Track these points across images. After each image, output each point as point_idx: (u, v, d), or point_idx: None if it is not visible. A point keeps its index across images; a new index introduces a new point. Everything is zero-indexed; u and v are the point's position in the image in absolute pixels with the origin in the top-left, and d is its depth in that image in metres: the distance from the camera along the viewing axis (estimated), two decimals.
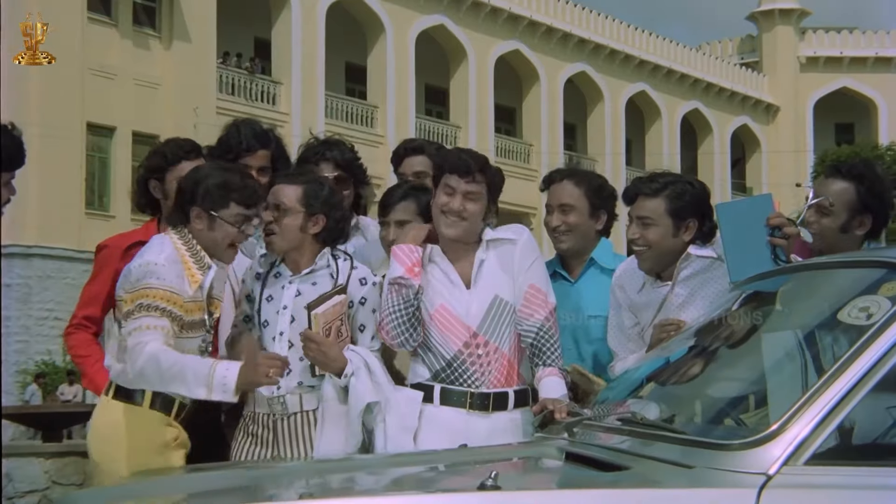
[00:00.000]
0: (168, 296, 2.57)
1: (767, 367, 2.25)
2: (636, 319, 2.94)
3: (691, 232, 2.84)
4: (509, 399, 2.82)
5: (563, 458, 2.23)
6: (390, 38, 24.32)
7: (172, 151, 3.10)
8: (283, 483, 2.28)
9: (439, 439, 2.72)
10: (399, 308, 2.80)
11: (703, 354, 2.45)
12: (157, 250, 2.64)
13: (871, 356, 1.85)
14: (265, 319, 2.82)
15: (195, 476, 2.42)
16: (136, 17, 19.72)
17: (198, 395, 2.53)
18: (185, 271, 2.63)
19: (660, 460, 1.94)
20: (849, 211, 2.84)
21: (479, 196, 2.80)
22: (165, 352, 2.52)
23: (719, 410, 2.20)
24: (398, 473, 2.32)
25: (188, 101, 19.45)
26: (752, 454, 1.81)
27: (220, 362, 2.58)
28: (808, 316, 2.29)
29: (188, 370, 2.52)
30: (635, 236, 2.85)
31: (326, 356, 2.75)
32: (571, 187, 3.17)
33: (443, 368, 2.81)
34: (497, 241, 2.85)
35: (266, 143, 3.22)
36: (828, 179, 2.91)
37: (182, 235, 2.69)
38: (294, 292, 2.83)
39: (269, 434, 2.81)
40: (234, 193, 2.68)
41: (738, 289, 2.57)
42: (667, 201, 2.83)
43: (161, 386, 2.56)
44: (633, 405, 2.39)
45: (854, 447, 1.93)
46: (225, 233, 2.68)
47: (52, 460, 5.10)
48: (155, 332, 2.53)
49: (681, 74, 31.23)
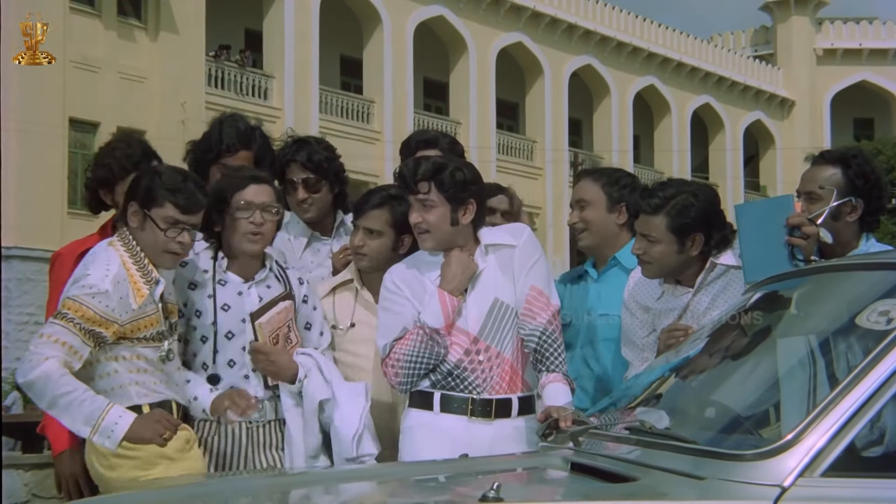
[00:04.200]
0: (97, 319, 2.55)
1: (782, 373, 2.22)
2: (653, 328, 2.93)
3: (698, 245, 2.84)
4: (513, 406, 2.78)
5: (569, 468, 2.22)
6: (387, 29, 24.10)
7: (120, 165, 3.04)
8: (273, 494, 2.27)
9: (440, 448, 2.66)
10: (423, 360, 2.75)
11: (714, 360, 2.43)
12: (102, 269, 2.60)
13: (891, 363, 1.82)
14: (228, 330, 2.79)
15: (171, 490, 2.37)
16: (120, 7, 19.40)
17: (78, 431, 2.53)
18: (131, 285, 2.61)
19: (669, 471, 1.93)
20: (837, 195, 2.81)
21: (434, 202, 2.76)
22: (63, 376, 2.50)
23: (731, 419, 2.16)
24: (397, 485, 2.32)
25: (175, 96, 19.24)
26: (767, 465, 1.80)
27: (114, 408, 2.54)
28: (825, 320, 2.26)
29: (77, 404, 2.51)
30: (640, 251, 2.87)
31: (276, 365, 2.77)
32: (588, 183, 3.21)
33: (443, 376, 2.77)
34: (496, 246, 2.82)
35: (248, 144, 3.19)
36: (813, 167, 2.90)
37: (126, 243, 2.67)
38: (255, 299, 2.81)
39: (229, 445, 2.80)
40: (171, 194, 2.63)
41: (753, 290, 2.53)
42: (668, 219, 2.82)
43: (45, 406, 2.54)
44: (640, 413, 2.37)
45: (873, 458, 1.90)
46: (155, 235, 2.64)
47: (33, 472, 4.84)
48: (59, 349, 2.51)
49: (691, 67, 31.08)
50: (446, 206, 2.75)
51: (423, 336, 2.74)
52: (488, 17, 26.04)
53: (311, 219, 3.29)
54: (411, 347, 2.74)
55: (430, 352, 2.74)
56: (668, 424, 2.25)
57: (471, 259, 2.79)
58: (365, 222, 2.96)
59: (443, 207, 2.75)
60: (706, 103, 31.78)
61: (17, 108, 16.38)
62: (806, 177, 2.90)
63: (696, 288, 2.86)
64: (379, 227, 2.94)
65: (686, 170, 28.92)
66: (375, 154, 22.47)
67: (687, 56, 30.85)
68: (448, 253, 2.80)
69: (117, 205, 3.00)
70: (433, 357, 2.75)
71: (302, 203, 3.24)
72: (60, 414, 2.51)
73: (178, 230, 2.64)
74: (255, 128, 3.25)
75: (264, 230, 2.81)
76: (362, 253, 2.98)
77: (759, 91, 33.10)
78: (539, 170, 25.91)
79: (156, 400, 2.64)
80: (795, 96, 33.84)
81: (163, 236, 2.63)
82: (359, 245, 2.96)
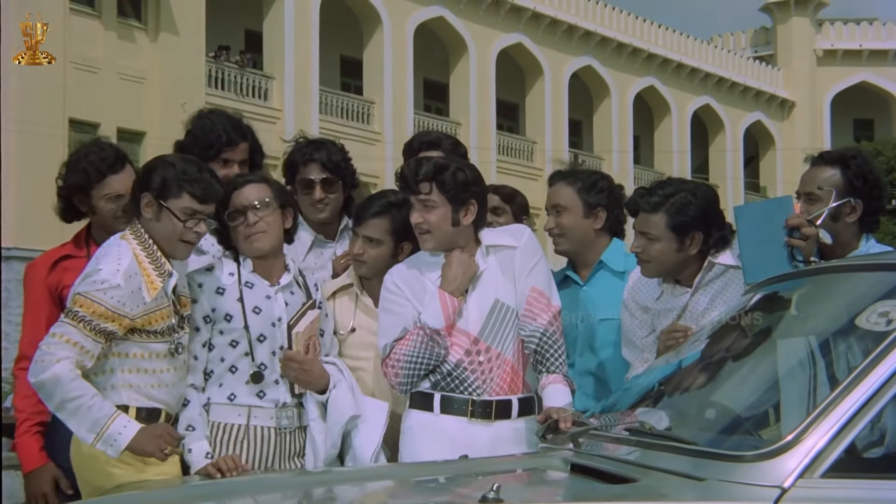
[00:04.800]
0: (108, 314, 2.54)
1: (782, 374, 2.21)
2: (651, 328, 2.92)
3: (697, 244, 2.83)
4: (513, 407, 2.77)
5: (569, 469, 2.21)
6: (387, 30, 24.05)
7: (95, 169, 2.96)
8: (277, 495, 2.27)
9: (439, 449, 2.66)
10: (423, 360, 2.75)
11: (714, 361, 2.42)
12: (114, 264, 2.59)
13: (890, 364, 1.81)
14: (261, 333, 2.77)
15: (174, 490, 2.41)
16: (120, 7, 19.32)
17: (83, 437, 2.52)
18: (144, 278, 2.60)
19: (669, 472, 1.92)
20: (836, 196, 2.79)
21: (435, 202, 2.75)
22: (73, 381, 2.50)
23: (731, 420, 2.16)
24: (397, 486, 2.31)
25: (175, 96, 19.07)
26: (767, 466, 1.79)
27: (121, 416, 2.53)
28: (825, 321, 2.26)
29: (84, 410, 2.50)
30: (638, 250, 2.85)
31: (310, 374, 2.73)
32: (563, 187, 3.16)
33: (443, 377, 2.76)
34: (497, 247, 2.82)
35: (245, 135, 3.20)
36: (812, 168, 2.89)
37: (138, 236, 2.65)
38: (282, 303, 2.80)
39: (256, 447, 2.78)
40: (188, 185, 2.63)
41: (753, 291, 2.52)
42: (667, 216, 2.81)
43: (53, 408, 2.55)
44: (640, 414, 2.36)
45: (873, 459, 1.90)
46: (172, 225, 2.63)
47: None
48: (71, 350, 2.51)
49: (691, 68, 31.05)
50: (447, 206, 2.74)
51: (424, 337, 2.74)
52: (488, 17, 25.98)
53: (323, 219, 3.28)
54: (411, 348, 2.73)
55: (430, 352, 2.74)
56: (667, 425, 2.25)
57: (471, 260, 2.78)
58: (365, 231, 2.96)
59: (444, 208, 2.74)
60: (706, 104, 31.74)
61: (17, 108, 16.33)
62: (805, 178, 2.90)
63: (695, 288, 2.84)
64: (378, 235, 2.94)
65: (686, 170, 28.87)
66: (375, 155, 22.43)
67: (687, 57, 30.81)
68: (448, 254, 2.79)
69: (95, 209, 2.97)
70: (433, 358, 2.74)
71: (318, 203, 3.24)
72: (68, 418, 2.52)
73: (196, 220, 2.64)
74: (241, 118, 3.27)
75: (260, 227, 2.77)
76: (362, 260, 2.99)
77: (760, 92, 33.07)
78: (539, 171, 25.83)
79: (144, 405, 2.62)
80: (795, 97, 33.79)
81: (181, 226, 2.62)
82: (358, 253, 2.97)
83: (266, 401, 2.76)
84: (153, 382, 2.64)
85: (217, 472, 2.55)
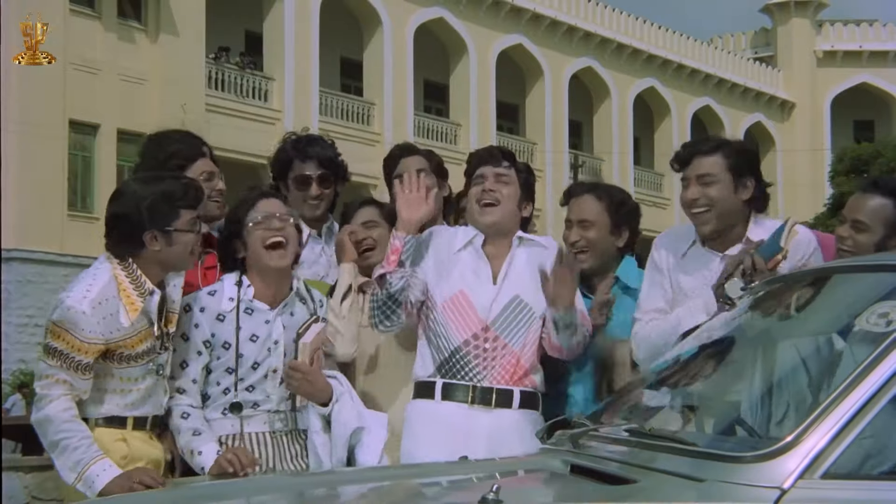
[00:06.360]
0: (79, 345, 2.55)
1: (782, 375, 2.21)
2: (669, 283, 2.89)
3: (749, 191, 2.82)
4: (514, 397, 2.77)
5: (569, 470, 2.21)
6: (387, 31, 24.07)
7: None
8: (277, 496, 2.29)
9: (439, 435, 2.68)
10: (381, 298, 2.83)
11: (714, 361, 2.41)
12: (82, 290, 2.58)
13: (890, 364, 1.81)
14: (255, 361, 2.78)
15: None
16: (120, 8, 19.39)
17: (65, 477, 2.58)
18: (123, 300, 2.60)
19: (669, 473, 1.92)
20: (886, 228, 2.77)
21: (511, 180, 2.88)
22: (65, 422, 2.56)
23: (731, 421, 2.16)
24: (396, 487, 2.31)
25: (175, 98, 19.15)
26: (766, 467, 1.79)
27: (102, 461, 2.56)
28: (825, 322, 2.26)
29: (69, 451, 2.56)
30: (696, 196, 2.81)
31: (314, 386, 2.73)
32: (592, 202, 3.15)
33: (446, 360, 2.80)
34: (530, 241, 2.91)
35: (201, 150, 3.12)
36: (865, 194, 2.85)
37: (125, 266, 2.64)
38: (280, 327, 2.80)
39: None
40: (180, 201, 2.65)
41: (753, 292, 2.52)
42: (725, 157, 2.81)
43: (46, 447, 2.62)
44: (640, 415, 2.36)
45: (873, 460, 1.88)
46: (185, 242, 2.66)
47: (33, 474, 5.05)
48: (61, 387, 2.56)
49: (691, 69, 31.07)
50: (517, 187, 2.92)
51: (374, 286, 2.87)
52: (488, 18, 26.01)
53: (318, 216, 3.28)
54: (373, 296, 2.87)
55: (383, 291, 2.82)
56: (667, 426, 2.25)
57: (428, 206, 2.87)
58: (359, 219, 3.15)
59: (515, 187, 2.92)
60: (706, 105, 31.74)
61: (16, 109, 16.41)
62: (853, 204, 2.85)
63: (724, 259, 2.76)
64: (374, 218, 3.14)
65: None
66: (375, 156, 22.34)
67: (687, 58, 30.84)
68: None
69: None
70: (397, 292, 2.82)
71: (315, 199, 3.24)
72: (56, 457, 2.58)
73: (198, 224, 2.70)
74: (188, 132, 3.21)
75: (286, 235, 2.77)
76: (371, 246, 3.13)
77: (760, 93, 33.07)
78: (539, 171, 25.71)
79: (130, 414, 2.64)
80: (796, 98, 33.78)
81: (193, 237, 2.66)
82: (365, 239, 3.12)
83: (259, 410, 2.78)
84: (135, 399, 2.65)
85: (229, 464, 2.55)
